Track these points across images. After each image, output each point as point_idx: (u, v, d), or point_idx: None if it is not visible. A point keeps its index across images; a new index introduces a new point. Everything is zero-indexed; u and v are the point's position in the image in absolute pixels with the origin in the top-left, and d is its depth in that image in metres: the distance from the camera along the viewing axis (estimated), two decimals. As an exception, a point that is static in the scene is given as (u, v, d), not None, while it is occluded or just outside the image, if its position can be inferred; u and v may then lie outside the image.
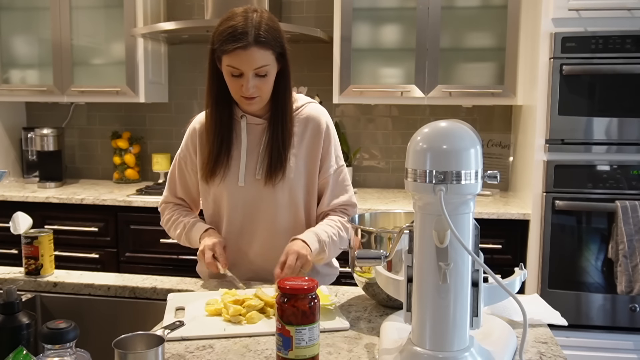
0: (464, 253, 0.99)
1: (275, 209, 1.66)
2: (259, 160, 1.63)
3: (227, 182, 1.65)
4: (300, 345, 1.04)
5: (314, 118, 1.68)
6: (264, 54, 1.51)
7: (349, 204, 1.72)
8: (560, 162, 2.58)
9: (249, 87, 1.53)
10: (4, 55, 3.36)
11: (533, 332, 1.28)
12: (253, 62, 1.51)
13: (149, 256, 2.94)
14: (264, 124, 1.65)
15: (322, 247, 1.60)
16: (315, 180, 1.69)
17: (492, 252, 2.66)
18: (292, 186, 1.65)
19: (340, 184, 1.71)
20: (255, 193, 1.65)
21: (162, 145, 3.57)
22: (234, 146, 1.65)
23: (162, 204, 1.81)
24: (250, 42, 1.49)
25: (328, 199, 1.70)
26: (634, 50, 2.49)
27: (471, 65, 2.96)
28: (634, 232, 2.46)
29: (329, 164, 1.69)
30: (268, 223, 1.67)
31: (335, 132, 1.72)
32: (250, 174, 1.64)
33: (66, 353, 0.96)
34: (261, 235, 1.68)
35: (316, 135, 1.67)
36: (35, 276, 1.67)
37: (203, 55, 3.43)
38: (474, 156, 0.98)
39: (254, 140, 1.65)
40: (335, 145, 1.72)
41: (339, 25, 2.98)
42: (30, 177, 3.48)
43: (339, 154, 1.73)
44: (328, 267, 1.80)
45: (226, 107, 1.64)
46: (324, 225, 1.66)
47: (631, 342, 2.59)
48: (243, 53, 1.49)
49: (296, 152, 1.65)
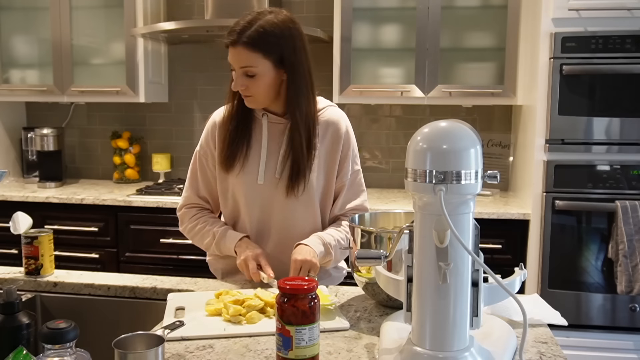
0: (464, 253, 0.99)
1: (292, 209, 1.66)
2: (280, 161, 1.63)
3: (245, 176, 1.64)
4: (300, 345, 1.04)
5: (334, 122, 1.68)
6: (249, 55, 1.52)
7: (360, 208, 1.72)
8: (560, 162, 2.58)
9: (236, 84, 1.56)
10: (4, 55, 3.36)
11: (533, 332, 1.28)
12: (239, 60, 1.54)
13: (149, 256, 2.94)
14: (285, 123, 1.64)
15: (327, 250, 1.61)
16: (332, 183, 1.69)
17: (492, 252, 2.66)
18: (310, 188, 1.65)
19: (354, 188, 1.72)
20: (273, 192, 1.65)
21: (162, 145, 3.57)
22: (253, 142, 1.65)
23: (183, 209, 1.76)
24: (236, 40, 1.52)
25: (341, 202, 1.71)
26: (634, 50, 2.49)
27: (471, 65, 2.96)
28: (634, 232, 2.46)
29: (347, 169, 1.70)
30: (284, 222, 1.67)
31: (353, 136, 1.73)
32: (270, 173, 1.64)
33: (66, 353, 0.96)
34: (277, 234, 1.68)
35: (336, 139, 1.67)
36: (35, 276, 1.67)
37: (203, 55, 3.48)
38: (474, 156, 0.98)
39: (275, 139, 1.65)
40: (354, 149, 1.72)
41: (339, 25, 2.98)
42: (30, 177, 3.48)
43: (356, 159, 1.73)
44: (337, 269, 1.81)
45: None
46: (330, 229, 1.68)
47: (631, 342, 2.59)
48: (232, 49, 1.54)
49: (315, 155, 1.65)
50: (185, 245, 2.82)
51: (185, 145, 3.54)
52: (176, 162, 3.53)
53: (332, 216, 1.73)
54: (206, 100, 3.50)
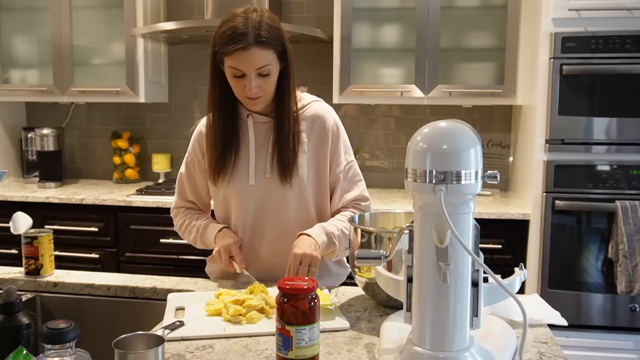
0: (464, 253, 0.99)
1: (286, 207, 1.66)
2: (268, 159, 1.63)
3: (236, 181, 1.65)
4: (300, 345, 1.04)
5: (320, 116, 1.68)
6: (264, 54, 1.51)
7: (360, 198, 1.72)
8: (560, 162, 2.58)
9: (252, 88, 1.53)
10: (4, 55, 3.36)
11: (533, 332, 1.28)
12: (254, 63, 1.51)
13: (149, 256, 2.94)
14: (270, 122, 1.64)
15: (330, 240, 1.60)
16: (325, 178, 1.69)
17: (492, 252, 2.66)
18: (302, 184, 1.65)
19: (350, 179, 1.72)
20: (265, 192, 1.65)
21: (162, 145, 3.57)
22: (241, 145, 1.65)
23: (174, 210, 1.81)
24: (250, 43, 1.49)
25: (339, 195, 1.71)
26: (634, 50, 2.49)
27: (471, 65, 2.96)
28: (634, 232, 2.46)
29: (339, 161, 1.69)
30: (278, 221, 1.67)
31: (343, 129, 1.73)
32: (260, 173, 1.64)
33: (66, 353, 0.96)
34: (272, 234, 1.68)
35: (323, 133, 1.67)
36: (35, 276, 1.67)
37: (203, 55, 3.48)
38: (474, 156, 0.98)
39: (261, 139, 1.65)
40: (344, 142, 1.72)
41: (339, 25, 2.98)
42: (30, 177, 3.48)
43: (348, 150, 1.73)
44: (340, 266, 1.80)
45: (230, 107, 1.64)
46: (333, 220, 1.67)
47: (631, 342, 2.59)
48: (244, 54, 1.49)
49: (304, 150, 1.65)
50: (185, 245, 2.80)
51: (185, 145, 3.46)
52: (176, 162, 3.53)
53: (333, 210, 1.73)
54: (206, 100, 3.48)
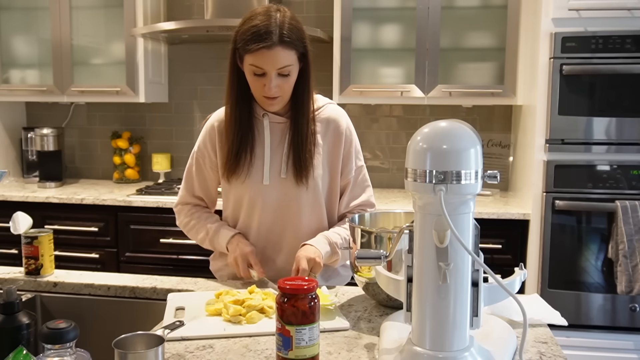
0: (464, 253, 0.99)
1: (299, 208, 1.65)
2: (284, 160, 1.63)
3: (250, 180, 1.64)
4: (300, 345, 1.04)
5: (335, 119, 1.68)
6: (287, 54, 1.51)
7: (366, 204, 1.73)
8: (560, 162, 2.58)
9: (271, 87, 1.53)
10: (4, 55, 3.36)
11: (533, 332, 1.28)
12: (277, 62, 1.50)
13: (149, 256, 2.94)
14: (286, 122, 1.64)
15: (333, 249, 1.61)
16: (337, 181, 1.69)
17: (492, 252, 2.66)
18: (317, 186, 1.65)
19: (359, 184, 1.72)
20: (279, 192, 1.64)
21: (162, 145, 3.57)
22: (256, 144, 1.64)
23: (179, 205, 1.79)
24: (274, 42, 1.48)
25: (347, 200, 1.71)
26: (634, 50, 2.49)
27: (471, 65, 2.96)
28: (634, 232, 2.46)
29: (351, 165, 1.70)
30: (292, 222, 1.67)
31: (355, 133, 1.73)
32: (275, 173, 1.64)
33: (66, 353, 0.96)
34: (288, 237, 1.67)
35: (337, 136, 1.67)
36: (35, 276, 1.67)
37: (203, 55, 3.48)
38: (474, 156, 0.98)
39: (277, 138, 1.65)
40: (356, 146, 1.72)
41: (339, 25, 2.98)
42: (30, 177, 3.48)
43: (359, 155, 1.73)
44: (345, 268, 1.81)
45: (246, 106, 1.63)
46: (336, 228, 1.68)
47: (631, 342, 2.59)
48: (267, 53, 1.49)
49: (319, 152, 1.65)
50: (185, 245, 2.82)
51: (185, 145, 3.54)
52: (176, 162, 3.53)
53: (339, 214, 1.73)
54: (206, 100, 3.50)
